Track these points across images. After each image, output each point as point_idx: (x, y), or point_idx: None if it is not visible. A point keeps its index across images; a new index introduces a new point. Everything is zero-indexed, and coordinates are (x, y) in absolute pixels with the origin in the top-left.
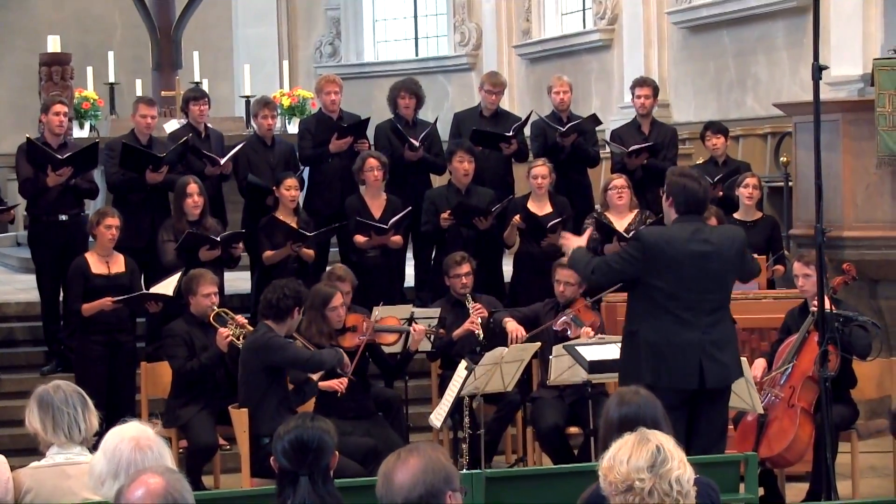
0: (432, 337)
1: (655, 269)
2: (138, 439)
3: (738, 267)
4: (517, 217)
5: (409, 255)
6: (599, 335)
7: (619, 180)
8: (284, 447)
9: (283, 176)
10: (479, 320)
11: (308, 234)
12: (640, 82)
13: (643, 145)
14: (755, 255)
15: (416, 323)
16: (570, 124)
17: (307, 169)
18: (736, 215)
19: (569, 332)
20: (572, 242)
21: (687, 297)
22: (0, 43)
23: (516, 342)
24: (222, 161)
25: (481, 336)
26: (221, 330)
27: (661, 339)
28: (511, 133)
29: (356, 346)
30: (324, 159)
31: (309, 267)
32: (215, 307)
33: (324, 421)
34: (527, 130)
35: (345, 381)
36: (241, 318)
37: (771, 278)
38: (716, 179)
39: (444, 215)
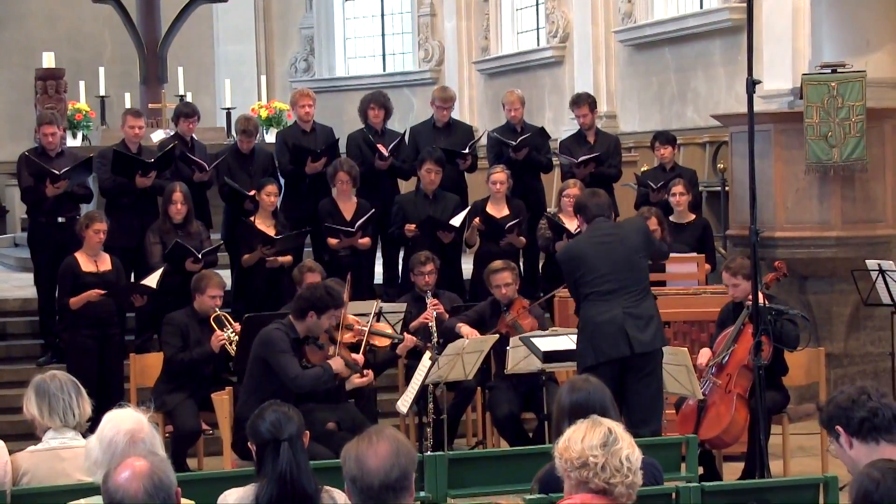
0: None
1: (577, 270)
2: (133, 433)
3: (644, 247)
4: (477, 219)
5: (378, 253)
6: (553, 328)
7: (574, 189)
8: (265, 422)
9: (264, 181)
10: (434, 314)
11: (277, 238)
12: (575, 102)
13: (590, 156)
14: (689, 254)
15: (407, 333)
16: (521, 138)
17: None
18: (671, 218)
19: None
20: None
21: (604, 283)
22: None
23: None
24: (208, 168)
25: (434, 329)
26: (218, 332)
27: (591, 321)
28: (466, 151)
29: (351, 343)
30: (300, 177)
31: (285, 268)
32: (217, 309)
33: (290, 408)
34: (484, 139)
35: (366, 377)
36: (238, 326)
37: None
38: (659, 185)
39: (411, 227)
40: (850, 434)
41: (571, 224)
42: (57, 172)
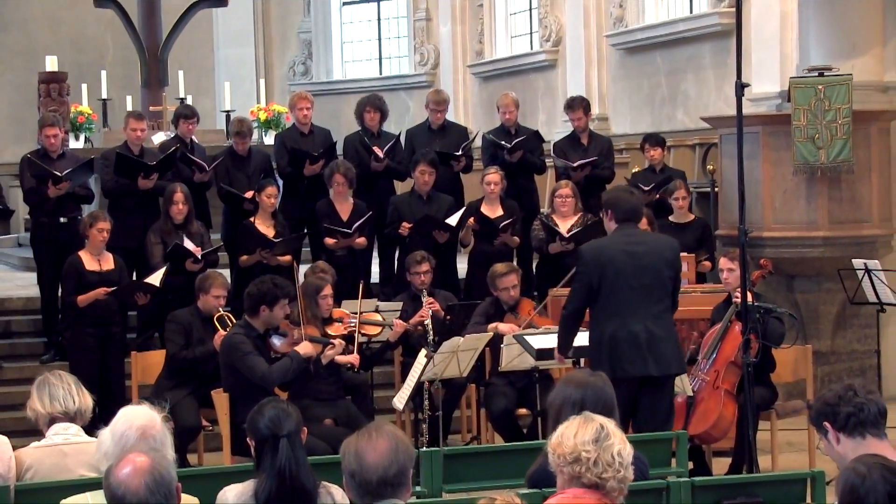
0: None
1: (599, 273)
2: (145, 429)
3: (673, 267)
4: (472, 220)
5: (375, 253)
6: (545, 326)
7: (566, 189)
8: (265, 418)
9: (264, 183)
10: (430, 312)
11: (276, 242)
12: (569, 105)
13: (587, 160)
14: (686, 253)
15: (396, 319)
16: (516, 141)
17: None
18: (671, 218)
19: None
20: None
21: (628, 294)
22: (1, 63)
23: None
24: (208, 168)
25: (430, 326)
26: (220, 332)
27: (610, 335)
28: (460, 152)
29: (343, 335)
30: (299, 178)
31: (284, 269)
32: (221, 309)
33: (289, 404)
34: (478, 140)
35: (337, 346)
36: None
37: (701, 272)
38: (650, 186)
39: (406, 226)
40: (837, 429)
41: (564, 224)
42: (58, 174)
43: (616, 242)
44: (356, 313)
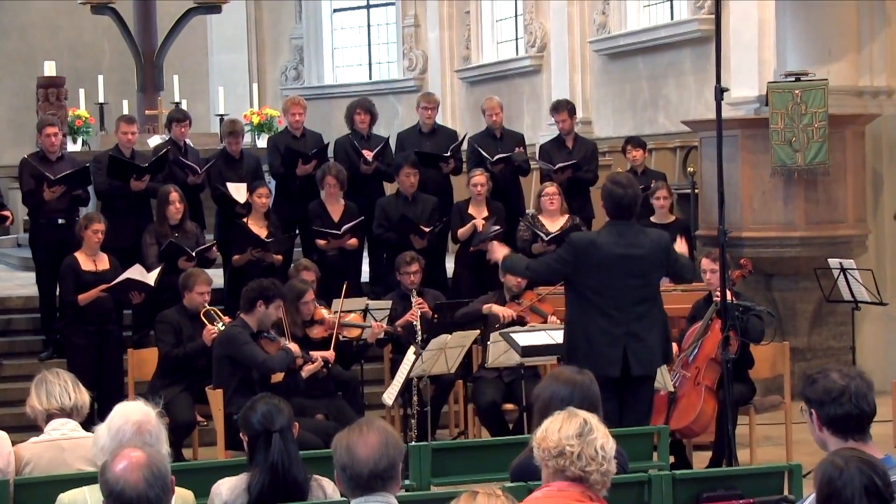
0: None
1: (585, 269)
2: (141, 424)
3: (664, 265)
4: (482, 222)
5: (365, 253)
6: (531, 324)
7: (551, 188)
8: (257, 413)
9: (256, 185)
10: (419, 313)
11: (267, 242)
12: (555, 108)
13: (567, 163)
14: None
15: (374, 320)
16: (498, 157)
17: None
18: (652, 219)
19: (526, 318)
20: (499, 253)
21: (613, 295)
22: (0, 68)
23: (504, 320)
24: (201, 171)
25: (419, 326)
26: (209, 326)
27: (588, 333)
28: (449, 154)
29: (324, 337)
30: (291, 179)
31: (276, 268)
32: (206, 305)
33: (280, 400)
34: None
35: (316, 363)
36: (227, 319)
37: None
38: None
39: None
40: (822, 424)
41: (552, 224)
42: (52, 177)
43: (609, 242)
44: (337, 312)
